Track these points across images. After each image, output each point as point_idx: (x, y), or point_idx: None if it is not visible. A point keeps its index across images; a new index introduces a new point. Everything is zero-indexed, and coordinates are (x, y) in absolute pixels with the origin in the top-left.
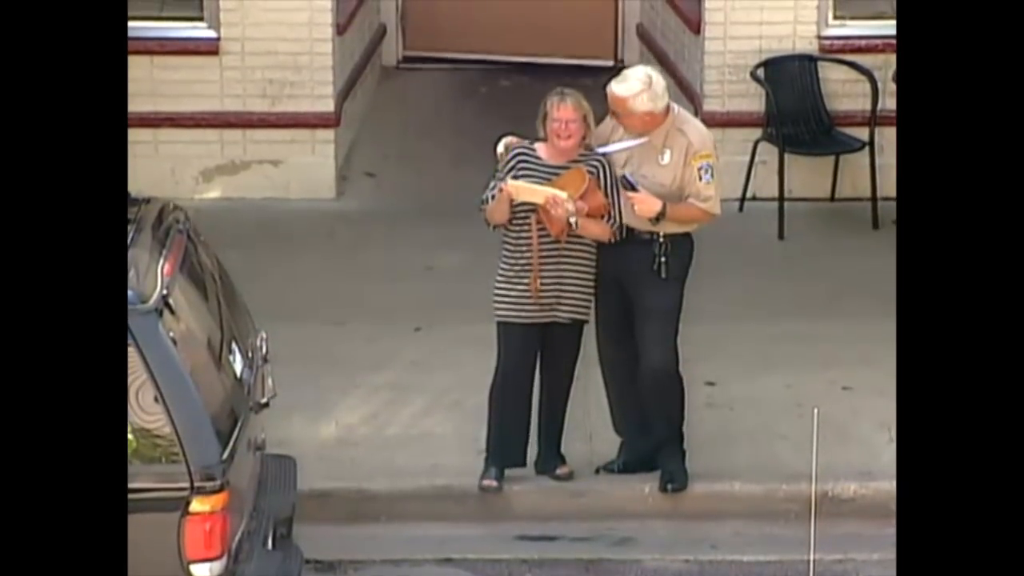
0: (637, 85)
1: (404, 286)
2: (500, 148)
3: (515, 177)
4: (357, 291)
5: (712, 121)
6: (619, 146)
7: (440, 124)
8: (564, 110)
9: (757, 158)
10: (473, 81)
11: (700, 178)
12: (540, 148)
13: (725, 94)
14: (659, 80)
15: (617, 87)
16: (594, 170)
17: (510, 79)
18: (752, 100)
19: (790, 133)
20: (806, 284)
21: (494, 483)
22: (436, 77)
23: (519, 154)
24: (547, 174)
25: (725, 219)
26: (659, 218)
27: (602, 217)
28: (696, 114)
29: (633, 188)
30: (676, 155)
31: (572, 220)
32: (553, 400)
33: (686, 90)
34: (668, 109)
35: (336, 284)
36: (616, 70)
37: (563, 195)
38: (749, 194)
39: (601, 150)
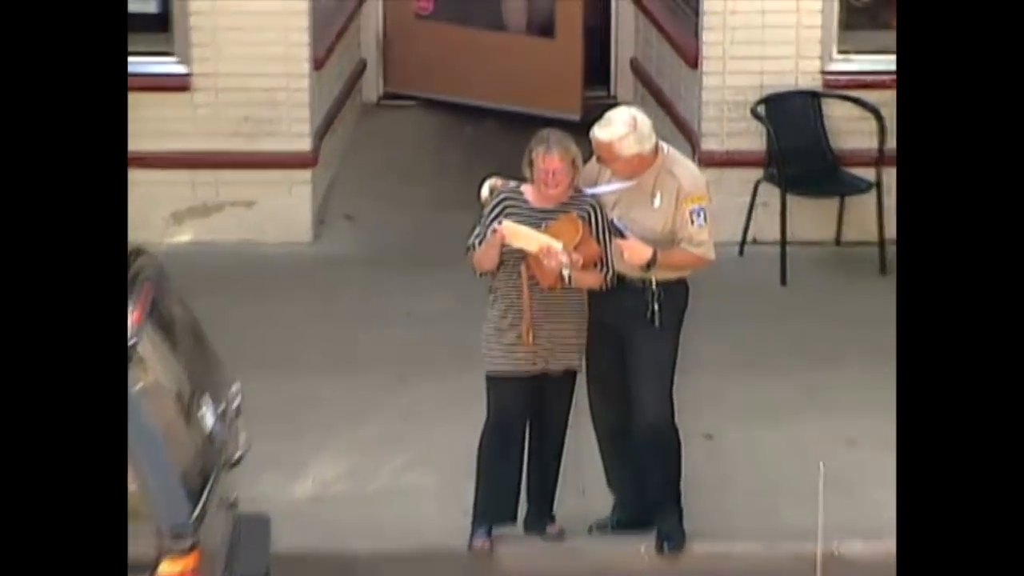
0: (622, 128)
1: (385, 334)
2: (484, 191)
3: (501, 223)
4: (336, 339)
5: (710, 161)
6: (607, 188)
7: (422, 165)
8: (550, 160)
9: (758, 200)
10: (458, 121)
11: (692, 222)
12: (527, 191)
13: (724, 132)
14: (644, 120)
15: (601, 132)
16: (585, 215)
17: (497, 120)
18: (752, 139)
19: (793, 173)
20: (810, 332)
21: (487, 543)
22: (418, 116)
23: (505, 198)
24: (536, 218)
25: (724, 264)
26: (650, 265)
27: (595, 265)
28: (693, 153)
29: (621, 234)
30: (667, 198)
31: (566, 273)
32: (545, 454)
33: (683, 128)
34: (657, 149)
35: (314, 332)
36: (605, 107)
37: (558, 245)
38: (749, 238)
39: (590, 191)
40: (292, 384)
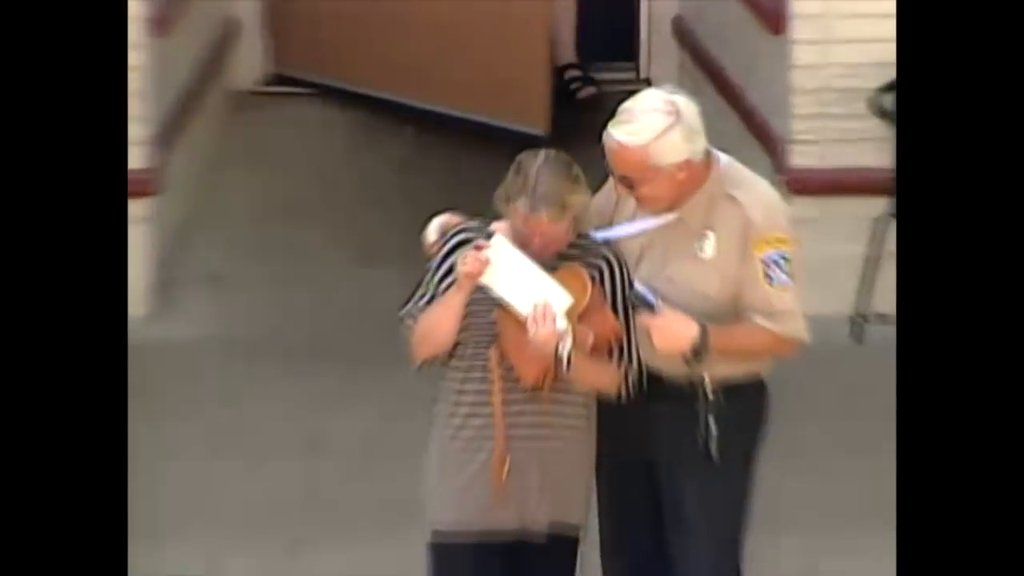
0: (658, 121)
1: (271, 471)
2: (432, 232)
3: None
4: (191, 479)
5: (805, 184)
6: (628, 229)
7: (329, 192)
8: (535, 223)
9: (884, 248)
10: (385, 124)
11: (768, 278)
12: (501, 232)
13: (826, 138)
14: (689, 106)
15: (622, 133)
16: (597, 273)
17: (444, 125)
18: (873, 148)
19: None
20: None
21: None
22: (323, 112)
23: (465, 240)
24: None
25: (829, 352)
26: (698, 353)
27: (609, 353)
28: (776, 171)
29: (649, 307)
30: (725, 241)
31: (563, 351)
32: None
33: (758, 132)
34: (709, 159)
35: (156, 464)
36: (628, 94)
37: (563, 302)
38: (869, 310)
39: (601, 235)
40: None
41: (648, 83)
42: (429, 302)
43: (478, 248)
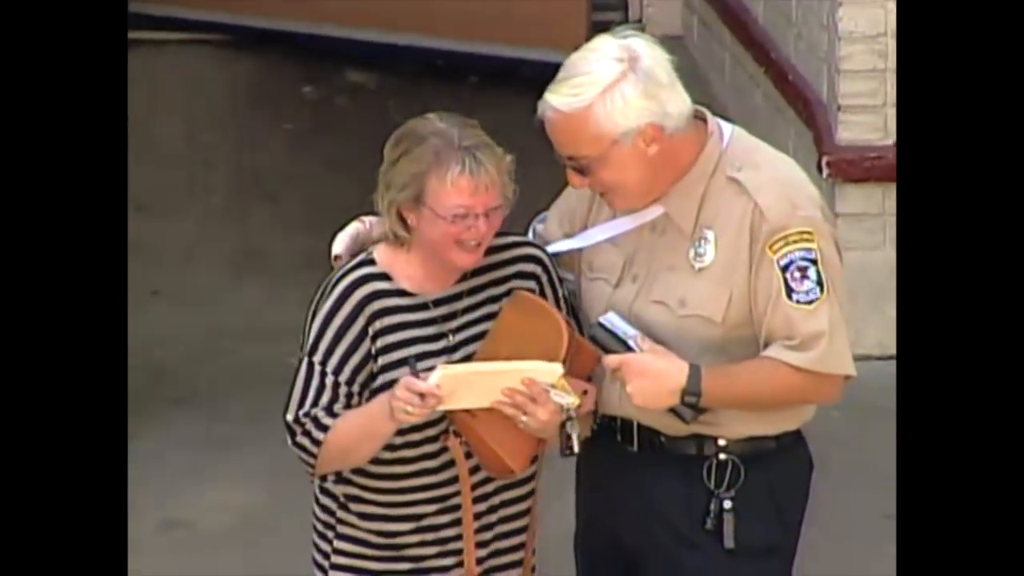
0: (604, 70)
1: None
2: (339, 244)
3: (415, 366)
4: None
5: (856, 169)
6: (596, 235)
7: (200, 176)
8: (483, 194)
9: None
10: (287, 71)
11: (788, 291)
12: (397, 266)
13: (890, 102)
14: (653, 51)
15: (559, 96)
16: (534, 284)
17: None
18: None
19: None
20: None
21: None
22: (212, 61)
23: (370, 295)
24: (428, 325)
25: (889, 395)
26: (691, 405)
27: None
28: (819, 150)
29: (622, 344)
30: (731, 242)
31: (575, 433)
32: None
33: (794, 95)
34: (702, 129)
35: None
36: None
37: (554, 371)
38: None
39: (558, 247)
40: None
41: (642, 31)
42: (334, 399)
43: (412, 391)
